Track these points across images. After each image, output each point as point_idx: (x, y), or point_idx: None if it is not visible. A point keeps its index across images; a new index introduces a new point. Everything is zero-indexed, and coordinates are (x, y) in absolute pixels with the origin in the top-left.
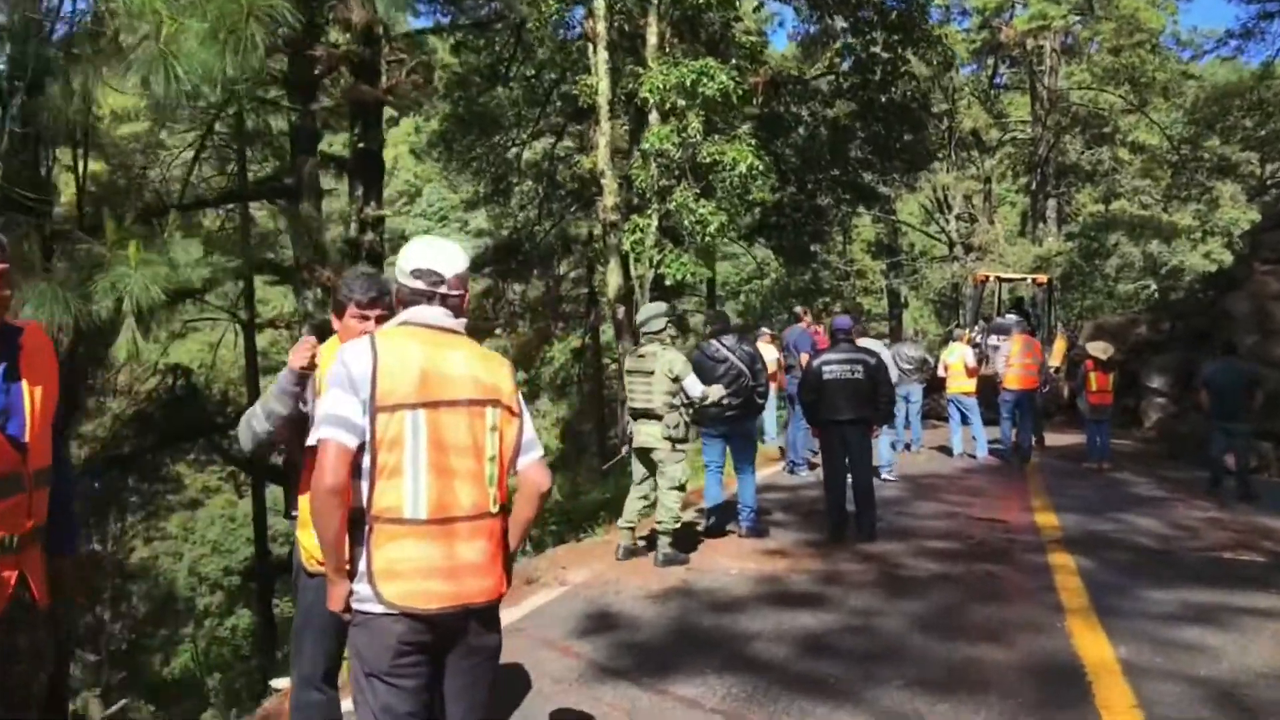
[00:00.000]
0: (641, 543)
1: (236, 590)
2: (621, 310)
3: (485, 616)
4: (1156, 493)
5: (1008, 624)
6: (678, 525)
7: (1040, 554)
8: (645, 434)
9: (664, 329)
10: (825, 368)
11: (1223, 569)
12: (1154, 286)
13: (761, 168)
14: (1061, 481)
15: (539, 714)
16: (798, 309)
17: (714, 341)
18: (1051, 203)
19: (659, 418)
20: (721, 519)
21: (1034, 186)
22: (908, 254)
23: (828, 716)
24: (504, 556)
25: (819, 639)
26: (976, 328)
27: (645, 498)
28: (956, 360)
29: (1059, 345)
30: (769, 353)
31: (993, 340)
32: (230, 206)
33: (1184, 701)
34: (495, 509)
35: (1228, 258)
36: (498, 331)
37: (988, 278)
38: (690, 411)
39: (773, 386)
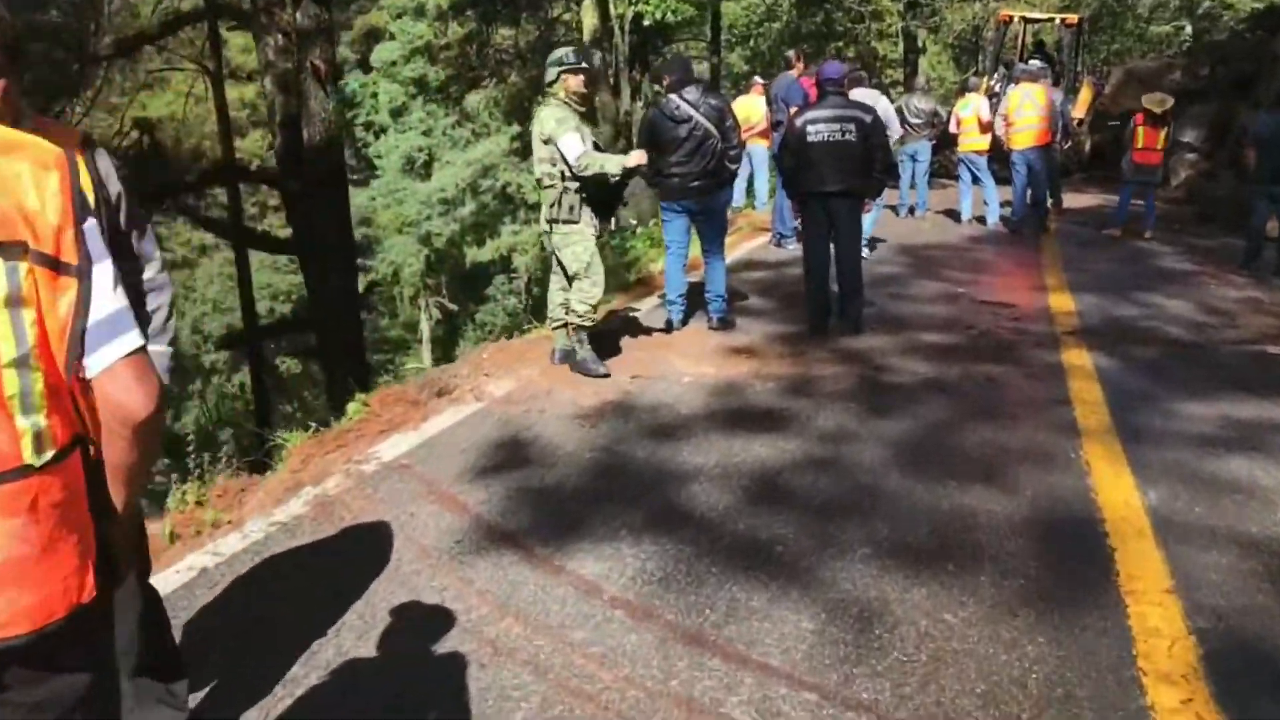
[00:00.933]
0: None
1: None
2: (597, 57)
3: (31, 657)
4: (1185, 265)
5: (1010, 454)
6: (583, 321)
7: (1053, 350)
8: (542, 214)
9: (555, 80)
10: (810, 127)
11: (1268, 368)
12: (1189, 28)
13: None
14: (1080, 252)
15: (379, 607)
16: (789, 53)
17: (673, 96)
18: None
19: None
20: (686, 309)
21: None
22: None
23: (764, 610)
24: (79, 543)
25: (773, 480)
26: (997, 75)
27: (564, 289)
28: (970, 114)
29: (1085, 95)
30: (757, 106)
31: (1009, 89)
32: None
33: (1233, 580)
34: (38, 459)
35: None
36: (485, 83)
37: (1011, 18)
38: (577, 185)
39: (762, 145)
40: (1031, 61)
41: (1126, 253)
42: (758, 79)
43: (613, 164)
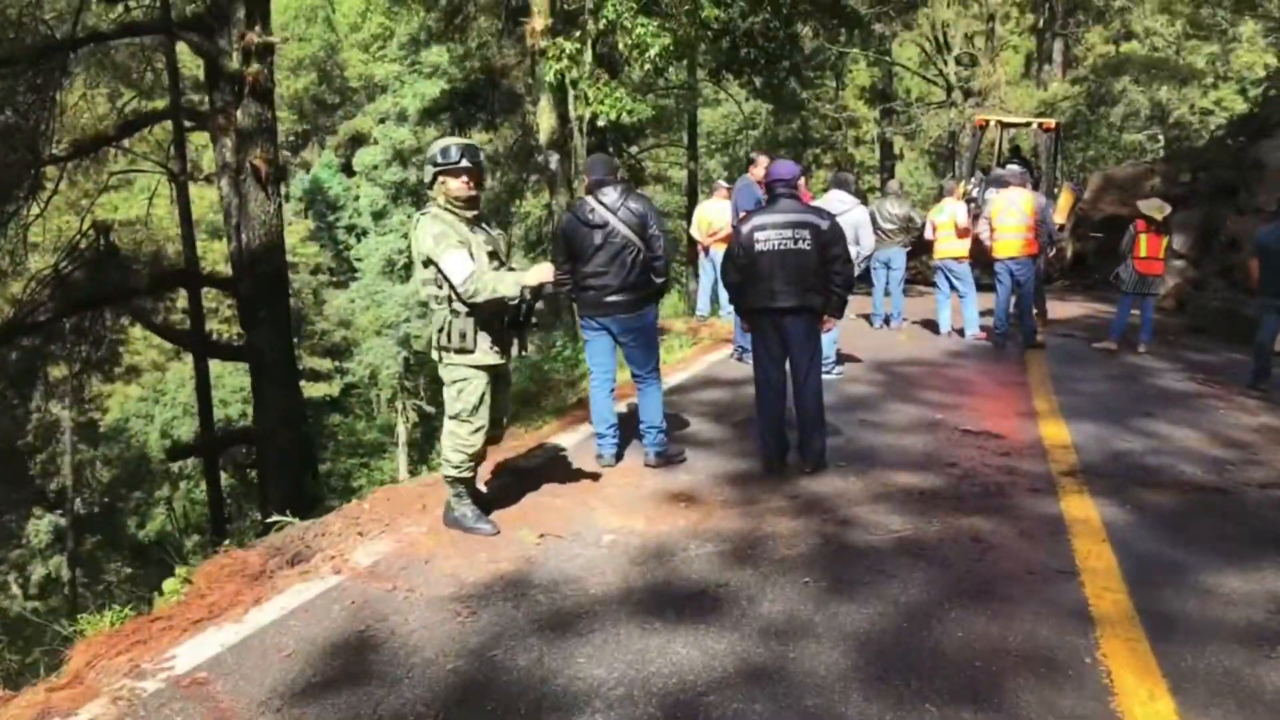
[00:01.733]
0: (484, 489)
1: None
2: (555, 159)
3: None
4: (1187, 385)
5: (1006, 658)
6: (459, 473)
7: (1049, 497)
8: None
9: (432, 183)
10: (758, 234)
11: None
12: (1161, 136)
13: None
14: (1071, 369)
15: None
16: (753, 154)
17: (588, 199)
18: (1058, 44)
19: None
20: (619, 442)
21: (1040, 24)
22: (903, 100)
23: None
24: None
25: (691, 705)
26: (974, 180)
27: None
28: (946, 219)
29: (1065, 200)
30: (721, 211)
31: (991, 194)
32: (145, 42)
33: None
34: None
35: (1240, 105)
36: None
37: (987, 122)
38: (466, 310)
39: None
40: (1009, 166)
41: (1121, 370)
42: (721, 182)
43: (507, 285)
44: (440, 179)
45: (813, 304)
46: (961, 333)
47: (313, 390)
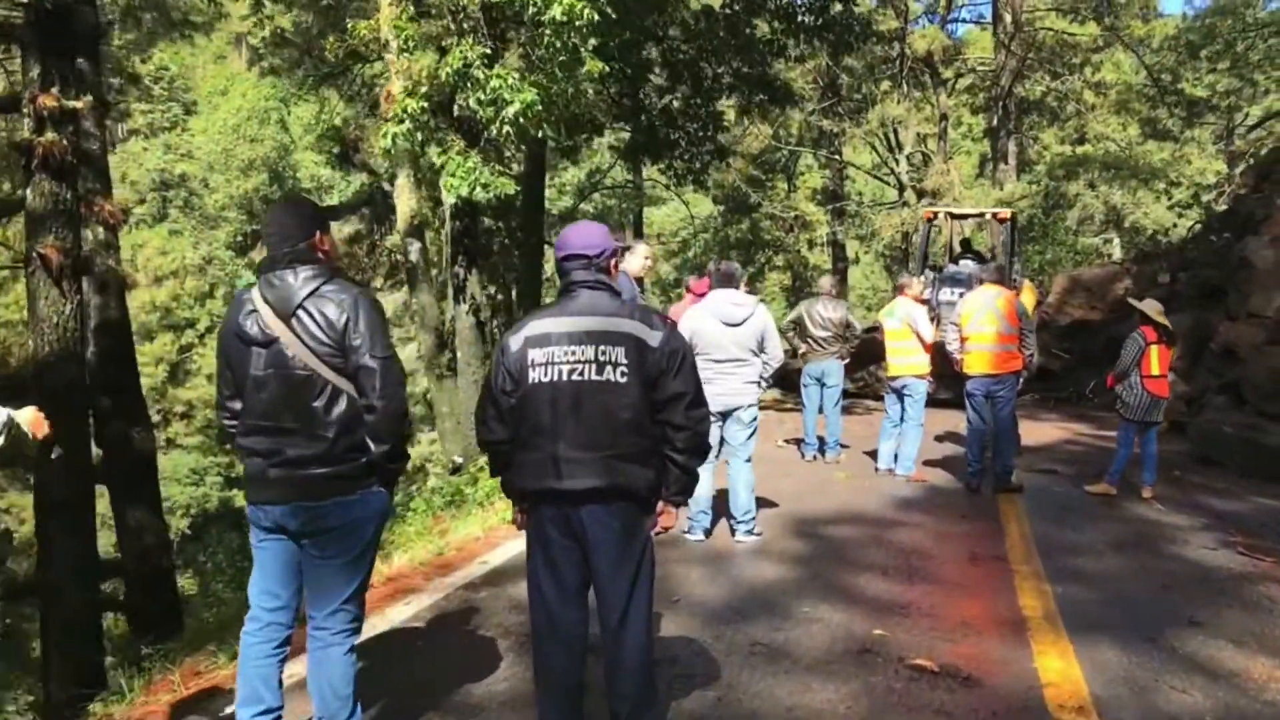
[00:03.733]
0: None
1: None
2: (415, 248)
3: None
4: (1226, 558)
5: None
6: None
7: None
8: None
9: None
10: (532, 353)
11: None
12: (1116, 240)
13: (587, 16)
14: (1062, 531)
15: None
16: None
17: (250, 291)
18: (1013, 145)
19: None
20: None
21: (994, 123)
22: (855, 201)
23: None
24: None
25: None
26: (923, 279)
27: None
28: (899, 325)
29: (1029, 297)
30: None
31: (945, 294)
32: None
33: None
34: None
35: (1194, 212)
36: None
37: (935, 214)
38: None
39: None
40: (962, 262)
41: (1129, 529)
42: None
43: None
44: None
45: (632, 484)
46: (896, 473)
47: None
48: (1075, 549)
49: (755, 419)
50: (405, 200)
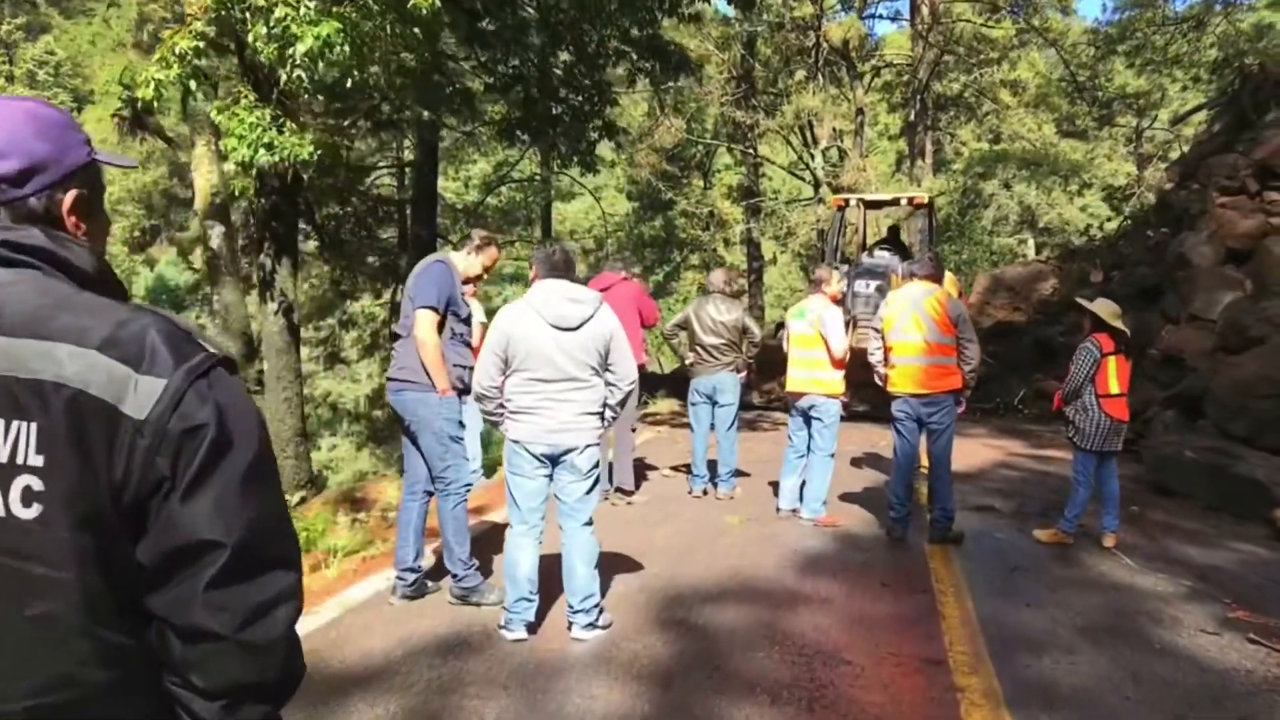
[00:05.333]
0: None
1: None
2: (218, 232)
3: None
4: (1231, 648)
5: None
6: None
7: None
8: None
9: None
10: None
11: None
12: (1031, 240)
13: None
14: (1013, 608)
15: None
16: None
17: None
18: (930, 143)
19: None
20: None
21: (912, 118)
22: (771, 198)
23: None
24: None
25: None
26: (837, 275)
27: None
28: (808, 329)
29: (950, 288)
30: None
31: (860, 286)
32: None
33: None
34: None
35: (1105, 210)
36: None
37: (846, 202)
38: None
39: None
40: (878, 253)
41: (1100, 602)
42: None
43: None
44: None
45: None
46: (803, 517)
47: None
48: (1037, 643)
49: (596, 465)
50: (204, 173)
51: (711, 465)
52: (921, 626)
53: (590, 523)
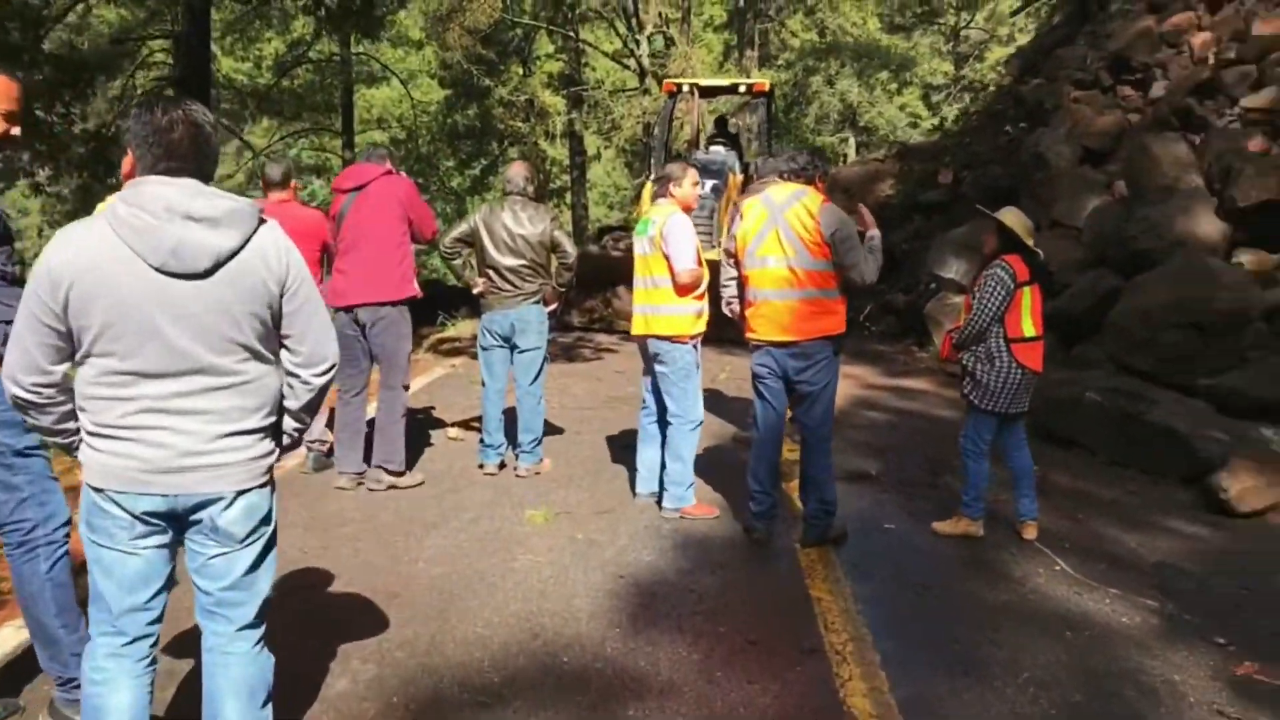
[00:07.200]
0: None
1: None
2: None
3: None
4: (1218, 700)
5: None
6: None
7: None
8: None
9: None
10: None
11: None
12: (852, 139)
13: None
14: (941, 668)
15: None
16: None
17: None
18: (758, 34)
19: None
20: None
21: (742, 3)
22: (595, 87)
23: None
24: None
25: None
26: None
27: None
28: (646, 248)
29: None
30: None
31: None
32: None
33: None
34: None
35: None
36: None
37: (678, 88)
38: None
39: None
40: (713, 149)
41: (1048, 641)
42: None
43: None
44: None
45: None
46: (664, 507)
47: None
48: (955, 674)
49: (265, 523)
50: None
51: (512, 428)
52: (800, 689)
53: (258, 624)
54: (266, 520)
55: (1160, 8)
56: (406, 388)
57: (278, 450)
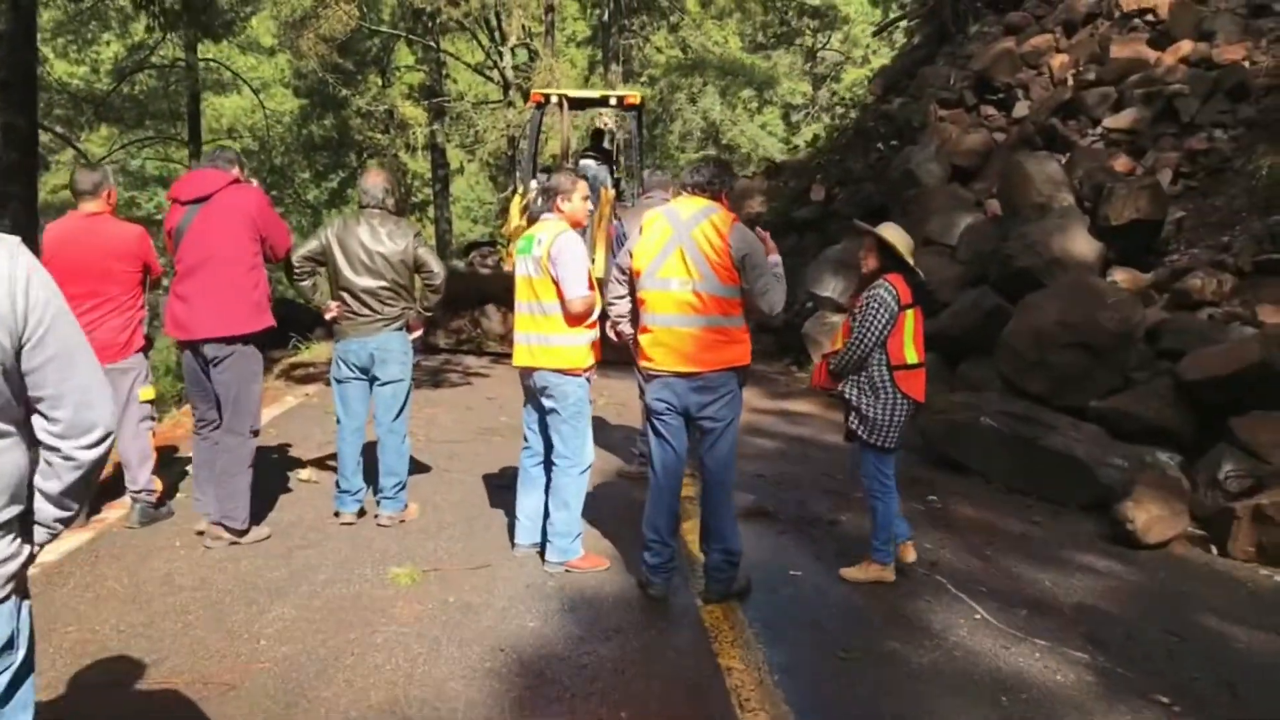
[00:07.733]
0: None
1: None
2: None
3: None
4: None
5: None
6: None
7: None
8: None
9: None
10: None
11: None
12: (715, 156)
13: None
14: (837, 698)
15: None
16: None
17: None
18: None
19: None
20: None
21: (606, 17)
22: (456, 99)
23: None
24: None
25: None
26: (534, 188)
27: None
28: (531, 269)
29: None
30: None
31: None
32: None
33: None
34: None
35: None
36: None
37: (546, 99)
38: None
39: None
40: (583, 162)
41: (990, 712)
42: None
43: None
44: None
45: None
46: (549, 560)
47: None
48: None
49: (17, 646)
50: None
51: (372, 470)
52: None
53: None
54: (10, 646)
55: (1018, 29)
56: (255, 433)
57: (29, 552)
